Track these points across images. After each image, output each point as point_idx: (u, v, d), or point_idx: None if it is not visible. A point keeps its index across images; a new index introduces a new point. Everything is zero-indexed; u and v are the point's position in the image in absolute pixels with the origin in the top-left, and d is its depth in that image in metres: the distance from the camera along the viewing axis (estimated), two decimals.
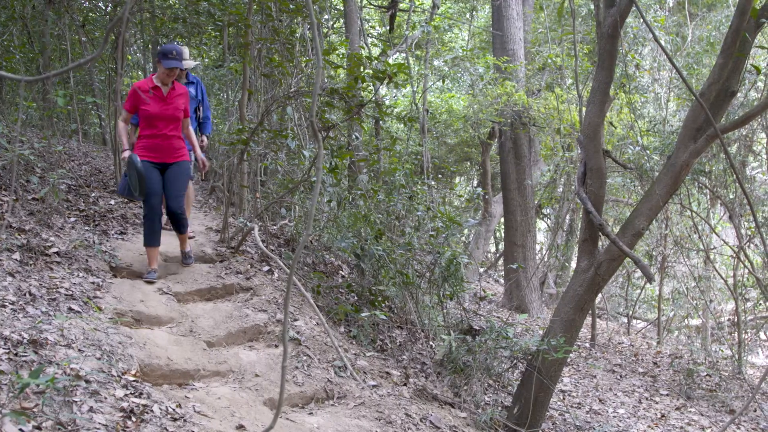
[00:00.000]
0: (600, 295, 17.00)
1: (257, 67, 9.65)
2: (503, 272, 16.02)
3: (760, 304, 15.22)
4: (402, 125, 16.06)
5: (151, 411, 4.19)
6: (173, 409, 4.34)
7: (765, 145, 13.27)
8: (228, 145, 8.71)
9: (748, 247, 13.71)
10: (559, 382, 8.50)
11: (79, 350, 4.61)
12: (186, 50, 7.41)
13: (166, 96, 7.01)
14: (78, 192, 9.00)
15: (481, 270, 17.55)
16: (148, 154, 7.00)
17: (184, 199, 7.35)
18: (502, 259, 17.87)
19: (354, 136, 9.81)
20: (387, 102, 15.52)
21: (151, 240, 7.05)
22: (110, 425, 3.81)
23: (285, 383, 5.14)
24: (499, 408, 7.29)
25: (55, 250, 6.45)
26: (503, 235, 16.53)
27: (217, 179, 11.72)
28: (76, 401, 3.93)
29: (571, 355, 9.33)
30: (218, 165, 11.69)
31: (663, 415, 8.91)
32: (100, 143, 15.38)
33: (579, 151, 7.36)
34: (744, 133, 12.84)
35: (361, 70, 7.10)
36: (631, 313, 17.16)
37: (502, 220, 15.29)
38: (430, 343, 8.13)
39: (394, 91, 16.01)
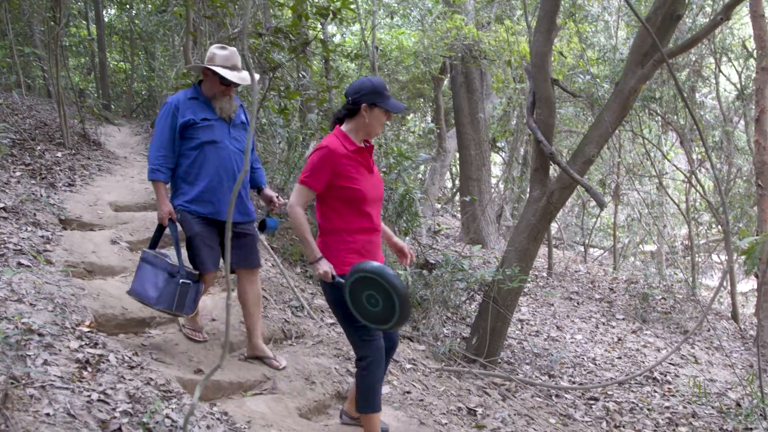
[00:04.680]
0: (556, 225, 17.24)
1: (200, 9, 9.44)
2: (460, 207, 16.11)
3: (712, 228, 15.52)
4: (352, 64, 15.91)
5: (107, 360, 4.16)
6: (130, 357, 4.32)
7: (714, 70, 13.37)
8: (174, 91, 8.56)
9: (699, 171, 13.92)
10: (516, 311, 8.63)
11: (31, 304, 4.55)
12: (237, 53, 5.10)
13: (371, 164, 4.23)
14: (23, 146, 8.82)
15: (438, 205, 17.62)
16: (363, 260, 4.06)
17: None
18: (458, 194, 17.95)
19: (301, 75, 9.68)
20: (336, 41, 15.33)
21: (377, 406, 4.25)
22: (66, 377, 3.78)
23: (240, 325, 5.14)
24: (458, 339, 7.38)
25: (1, 205, 6.32)
26: (458, 170, 16.59)
27: None
28: (29, 355, 3.88)
29: (528, 284, 9.46)
30: None
31: (619, 339, 9.10)
32: (44, 96, 15.03)
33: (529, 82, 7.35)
34: (693, 59, 12.92)
35: (305, 7, 6.99)
36: (587, 241, 17.40)
37: (457, 155, 15.30)
38: None
39: (344, 29, 15.81)
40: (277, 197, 5.20)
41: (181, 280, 4.73)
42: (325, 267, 3.95)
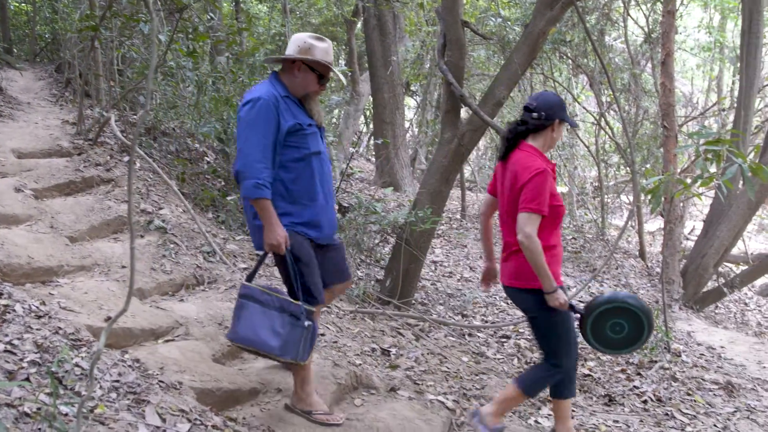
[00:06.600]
0: (470, 167, 17.43)
1: None
2: (374, 150, 16.13)
3: (621, 169, 15.92)
4: (263, 6, 15.63)
5: (13, 311, 4.06)
6: (37, 307, 4.23)
7: (622, 14, 13.59)
8: (77, 33, 8.28)
9: (608, 113, 14.20)
10: (430, 253, 8.74)
11: None
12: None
13: None
14: None
15: (352, 149, 17.61)
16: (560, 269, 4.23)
17: None
18: (372, 137, 17.95)
19: (209, 17, 9.48)
20: None
21: (574, 389, 4.31)
22: None
23: (151, 272, 5.08)
24: (372, 282, 7.44)
25: None
26: (372, 113, 16.55)
27: (72, 71, 11.18)
28: None
29: (441, 227, 9.57)
30: (71, 56, 11.14)
31: None
32: None
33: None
34: (602, 2, 13.09)
35: None
36: None
37: (371, 98, 15.26)
38: None
39: None
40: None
41: (306, 323, 3.85)
42: (564, 297, 3.90)
